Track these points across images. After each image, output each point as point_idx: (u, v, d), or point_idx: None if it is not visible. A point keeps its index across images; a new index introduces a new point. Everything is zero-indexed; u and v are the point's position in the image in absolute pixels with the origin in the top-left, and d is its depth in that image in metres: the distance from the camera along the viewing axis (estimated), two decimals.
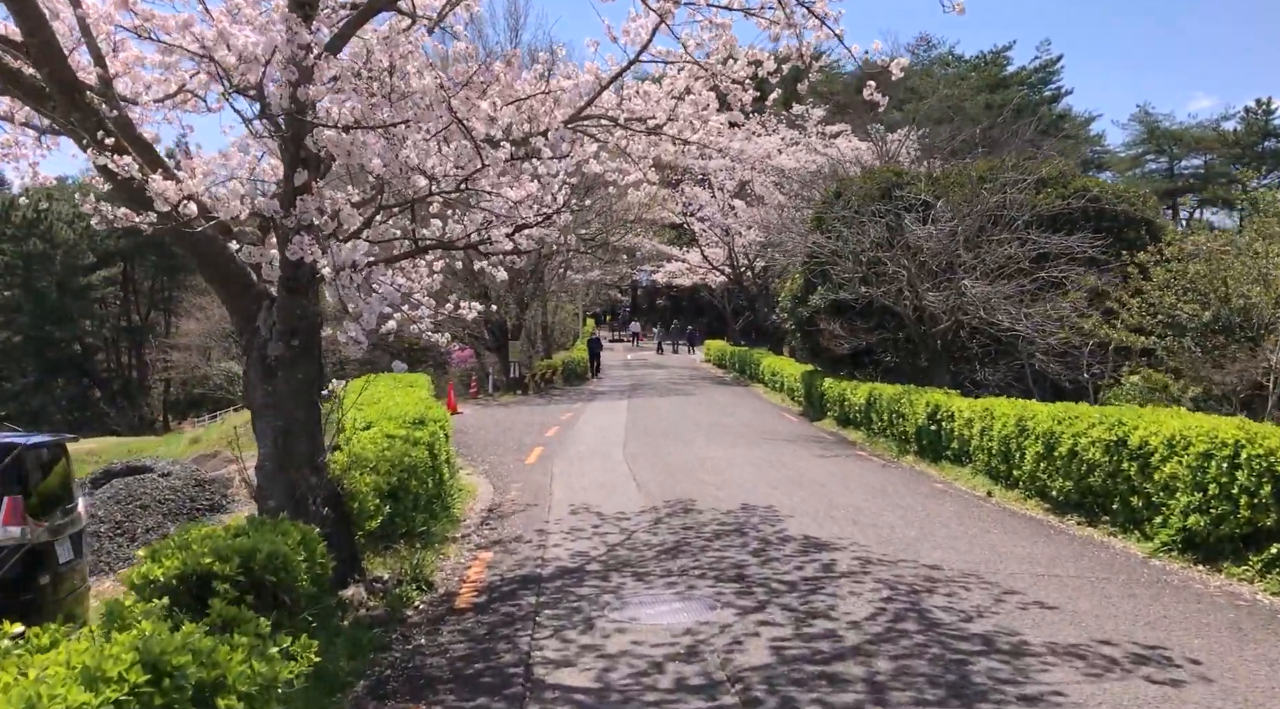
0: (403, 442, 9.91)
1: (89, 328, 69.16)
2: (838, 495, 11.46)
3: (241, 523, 6.14)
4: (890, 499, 11.31)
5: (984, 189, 18.11)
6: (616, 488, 12.21)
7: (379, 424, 11.38)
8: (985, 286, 15.59)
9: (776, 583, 7.25)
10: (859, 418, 19.03)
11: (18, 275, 65.80)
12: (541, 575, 7.82)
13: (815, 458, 15.26)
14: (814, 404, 23.57)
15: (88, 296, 67.99)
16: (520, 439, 18.24)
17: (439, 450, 10.73)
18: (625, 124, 9.30)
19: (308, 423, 7.18)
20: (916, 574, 7.48)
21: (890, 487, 12.35)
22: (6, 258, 65.66)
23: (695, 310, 70.51)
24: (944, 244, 16.47)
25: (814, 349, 24.85)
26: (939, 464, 14.26)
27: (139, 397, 70.50)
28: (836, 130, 39.58)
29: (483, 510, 11.15)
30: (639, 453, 15.71)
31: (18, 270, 65.80)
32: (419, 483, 9.33)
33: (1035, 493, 11.14)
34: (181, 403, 67.91)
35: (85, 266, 66.53)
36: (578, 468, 14.14)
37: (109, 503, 12.41)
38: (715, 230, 41.89)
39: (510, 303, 34.72)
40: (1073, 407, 11.11)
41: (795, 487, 12.08)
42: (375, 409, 13.19)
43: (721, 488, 11.96)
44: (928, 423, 14.80)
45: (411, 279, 10.26)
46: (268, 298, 7.22)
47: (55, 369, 67.50)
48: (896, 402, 16.43)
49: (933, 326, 18.36)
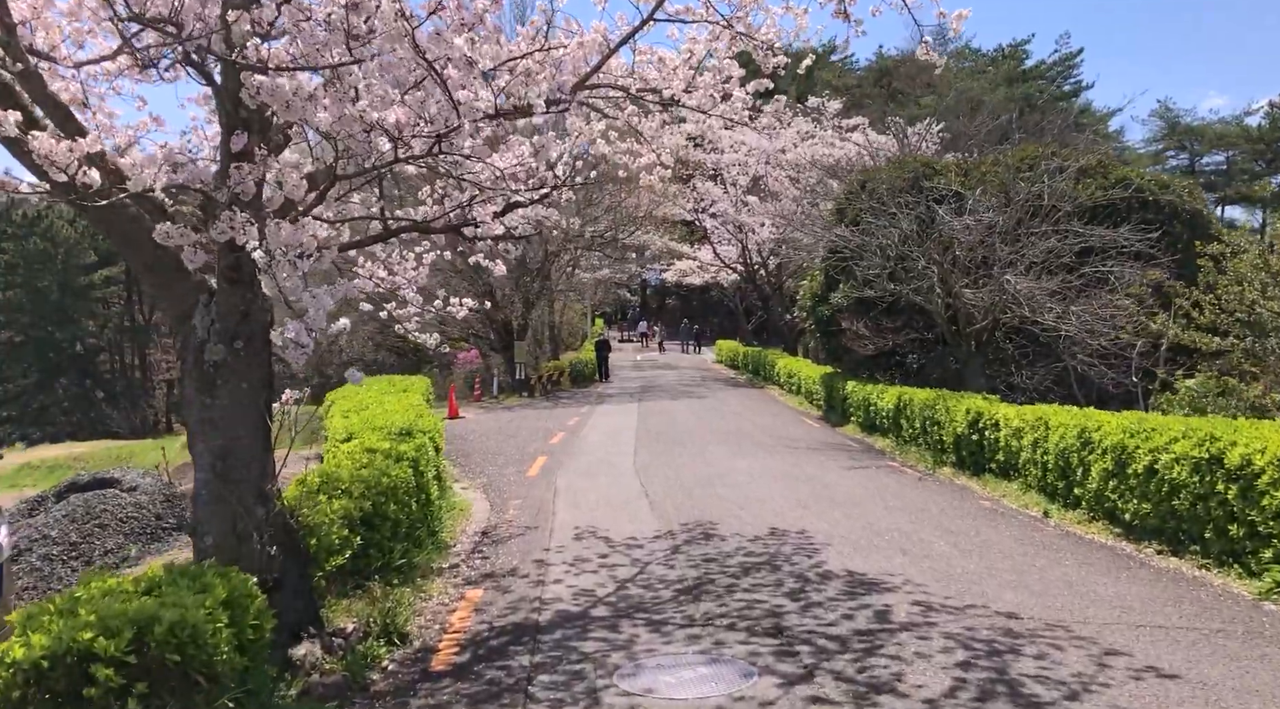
0: (384, 457, 8.65)
1: (91, 328, 68.17)
2: (877, 516, 10.15)
3: (158, 572, 4.89)
4: (936, 521, 10.00)
5: (1021, 179, 16.77)
6: (626, 506, 10.92)
7: (361, 436, 10.14)
8: (1029, 282, 14.24)
9: (824, 638, 5.95)
10: (886, 424, 17.71)
11: (18, 275, 64.87)
12: (538, 623, 6.54)
13: (844, 469, 13.94)
14: (835, 408, 22.24)
15: (89, 296, 67.03)
16: (523, 447, 16.97)
17: (426, 466, 9.46)
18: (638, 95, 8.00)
19: (254, 442, 5.92)
20: (992, 626, 6.17)
21: (933, 505, 11.04)
22: (7, 257, 64.73)
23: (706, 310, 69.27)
24: (981, 237, 15.12)
25: (835, 350, 23.53)
26: (982, 478, 12.93)
27: (142, 398, 69.47)
28: (854, 123, 38.24)
29: (476, 533, 9.87)
30: (651, 464, 14.42)
31: (18, 270, 64.88)
32: (399, 507, 8.06)
33: (1102, 515, 9.82)
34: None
35: (86, 266, 65.55)
36: (584, 481, 12.86)
37: (64, 522, 11.19)
38: (728, 227, 40.54)
39: (516, 301, 33.46)
40: (1147, 417, 9.79)
41: (827, 505, 10.78)
42: (361, 418, 11.94)
43: (745, 507, 10.66)
44: (968, 432, 13.47)
45: (396, 272, 9.05)
46: (206, 291, 5.97)
47: (57, 370, 66.50)
48: (930, 407, 15.10)
49: (967, 326, 17.03)
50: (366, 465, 8.33)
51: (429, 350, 10.12)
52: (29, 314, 64.86)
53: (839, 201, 22.00)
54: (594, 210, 36.38)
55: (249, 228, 4.81)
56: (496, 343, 34.02)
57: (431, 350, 10.05)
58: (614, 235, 36.47)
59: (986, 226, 14.99)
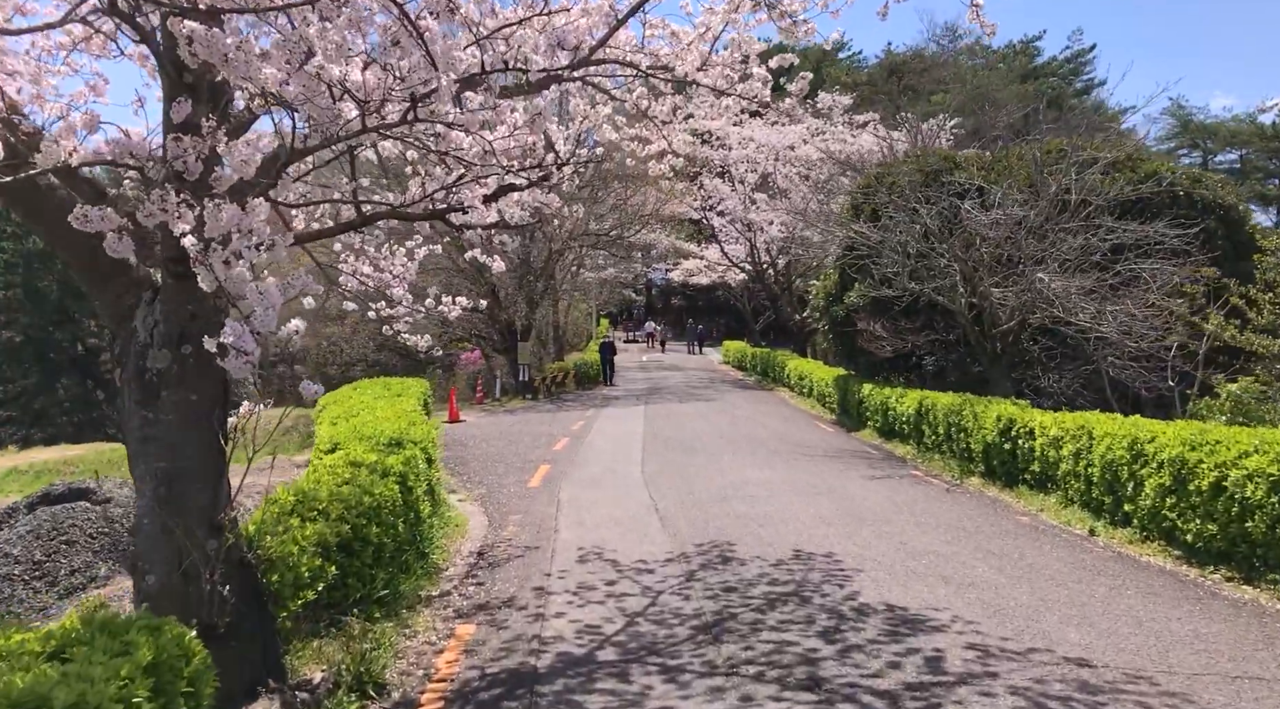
0: (369, 472, 7.82)
1: (92, 328, 67.40)
2: (910, 536, 9.28)
3: (74, 627, 4.04)
4: (975, 541, 9.13)
5: (1049, 173, 15.87)
6: (635, 524, 10.07)
7: (347, 446, 9.32)
8: (1063, 280, 13.35)
9: (868, 694, 5.09)
10: (906, 430, 16.84)
11: (18, 274, 64.17)
12: (536, 670, 5.69)
13: (866, 480, 13.07)
14: (849, 412, 21.37)
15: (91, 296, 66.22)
16: (525, 454, 16.12)
17: (416, 482, 8.61)
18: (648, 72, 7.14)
19: (204, 464, 5.08)
20: (1064, 678, 5.30)
21: (967, 521, 10.18)
22: (6, 256, 64.05)
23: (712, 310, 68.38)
24: (1008, 233, 14.24)
25: (849, 351, 22.65)
26: (1015, 490, 12.06)
27: None
28: (864, 119, 37.36)
29: (471, 554, 9.03)
30: (660, 473, 13.57)
31: (18, 269, 64.19)
32: (383, 529, 7.22)
33: (1158, 534, 8.94)
34: None
35: None
36: (589, 494, 12.01)
37: (28, 538, 10.37)
38: (736, 225, 39.65)
39: (519, 301, 32.62)
40: (1209, 427, 8.91)
41: (854, 522, 9.91)
42: (350, 426, 11.11)
43: (765, 524, 9.79)
44: (999, 440, 12.60)
45: (383, 269, 8.24)
46: (149, 287, 5.14)
47: (58, 371, 65.79)
48: (956, 413, 14.22)
49: (993, 327, 16.15)
50: (349, 481, 7.50)
51: (419, 353, 9.29)
52: (29, 314, 64.18)
53: (854, 197, 21.12)
54: (600, 207, 35.54)
55: (184, 210, 3.97)
56: (499, 344, 33.19)
57: (422, 353, 9.22)
58: (620, 233, 35.60)
59: (1015, 222, 14.10)
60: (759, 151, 37.99)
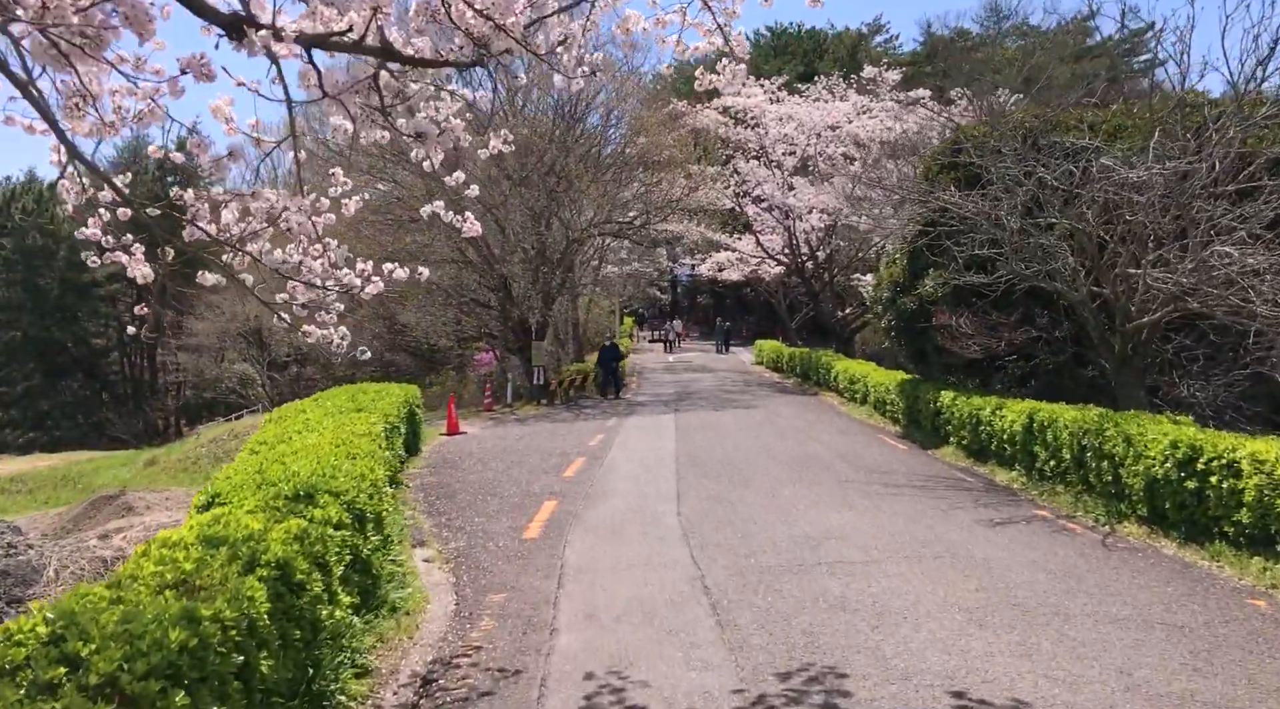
0: (225, 564, 4.47)
1: (96, 328, 64.78)
2: (1120, 653, 5.76)
3: None
4: (1224, 660, 5.61)
5: (1186, 130, 12.22)
6: (675, 616, 6.62)
7: (234, 499, 6.03)
8: (1259, 256, 9.73)
9: None
10: (1007, 451, 13.30)
11: (18, 272, 61.60)
12: None
13: (987, 527, 9.56)
14: (920, 424, 17.82)
15: (93, 295, 63.74)
16: (527, 483, 12.71)
17: (310, 579, 5.17)
18: None
19: None
20: None
21: (1180, 611, 6.65)
22: (6, 254, 61.54)
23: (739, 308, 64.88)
24: (1171, 194, 10.65)
25: (919, 351, 19.05)
26: (1207, 547, 8.51)
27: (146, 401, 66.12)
28: (916, 95, 33.70)
29: (413, 678, 5.61)
30: (703, 517, 10.12)
31: (17, 267, 61.62)
32: (211, 691, 3.81)
33: None
34: (193, 407, 63.55)
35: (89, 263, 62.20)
36: (606, 552, 8.58)
37: None
38: (773, 213, 36.08)
39: (534, 296, 29.24)
40: None
41: (1017, 618, 6.41)
42: (259, 459, 7.76)
43: (880, 626, 6.30)
44: (1176, 474, 9.05)
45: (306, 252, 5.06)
46: None
47: (60, 371, 63.21)
48: (1098, 434, 10.64)
49: (1125, 321, 12.57)
50: (184, 580, 4.18)
51: (335, 356, 5.94)
52: (29, 313, 61.59)
53: (929, 165, 17.54)
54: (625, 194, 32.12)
55: None
56: (513, 343, 29.83)
57: (338, 356, 5.85)
58: (646, 221, 32.11)
59: (1180, 177, 10.51)
60: (799, 131, 34.44)
